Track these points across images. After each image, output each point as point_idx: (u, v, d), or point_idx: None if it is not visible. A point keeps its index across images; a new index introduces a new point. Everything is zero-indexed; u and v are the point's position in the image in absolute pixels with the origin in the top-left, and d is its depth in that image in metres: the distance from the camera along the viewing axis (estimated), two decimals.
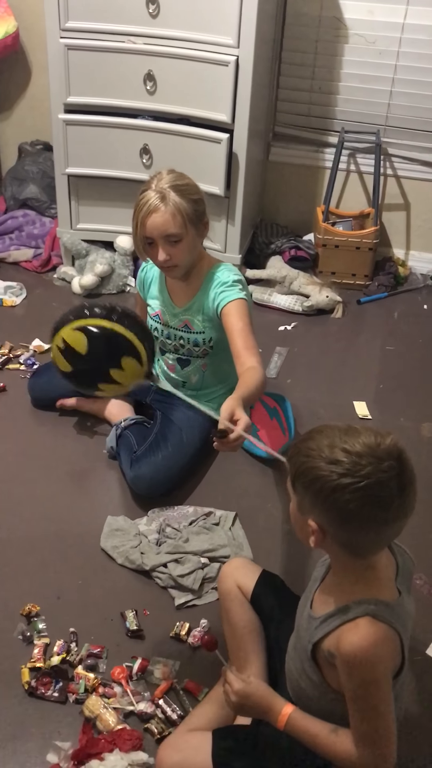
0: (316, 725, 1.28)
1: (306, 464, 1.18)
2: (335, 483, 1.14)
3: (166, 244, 2.00)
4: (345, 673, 1.20)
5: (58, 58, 2.86)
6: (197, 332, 2.19)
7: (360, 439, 1.15)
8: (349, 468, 1.13)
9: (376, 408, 2.64)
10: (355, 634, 1.17)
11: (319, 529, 1.19)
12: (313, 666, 1.28)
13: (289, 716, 1.30)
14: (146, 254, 2.07)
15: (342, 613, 1.21)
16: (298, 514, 1.24)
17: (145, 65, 2.82)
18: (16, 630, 1.79)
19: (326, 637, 1.23)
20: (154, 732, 1.59)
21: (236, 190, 2.98)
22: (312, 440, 1.19)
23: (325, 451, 1.16)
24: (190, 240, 2.03)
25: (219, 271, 2.12)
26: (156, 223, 1.97)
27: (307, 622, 1.31)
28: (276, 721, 1.31)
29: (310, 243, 3.39)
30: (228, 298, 2.06)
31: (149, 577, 1.95)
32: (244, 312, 2.06)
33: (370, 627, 1.17)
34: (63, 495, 2.20)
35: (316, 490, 1.16)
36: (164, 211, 1.96)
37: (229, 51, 2.72)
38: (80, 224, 3.22)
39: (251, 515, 2.16)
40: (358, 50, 3.22)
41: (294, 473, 1.21)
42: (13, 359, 2.76)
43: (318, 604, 1.31)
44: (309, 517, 1.20)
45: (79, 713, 1.63)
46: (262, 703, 1.33)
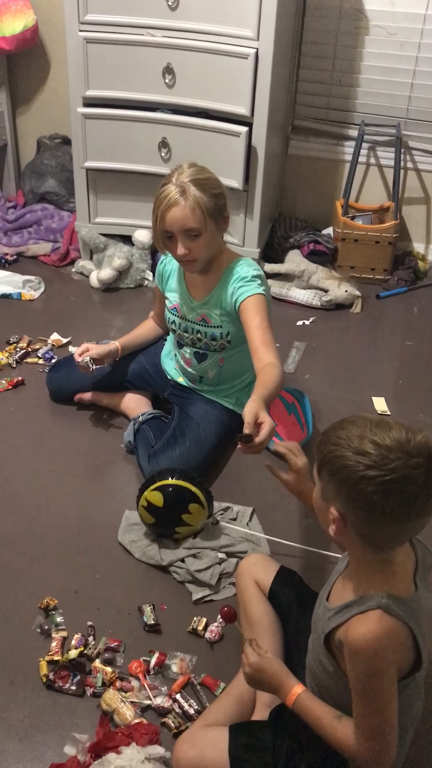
0: (322, 709, 1.29)
1: (333, 452, 1.18)
2: (361, 474, 1.14)
3: (185, 239, 2.00)
4: (349, 663, 1.20)
5: (77, 52, 2.86)
6: (214, 326, 2.19)
7: (391, 433, 1.15)
8: (377, 460, 1.13)
9: (395, 404, 2.62)
10: (363, 626, 1.17)
11: (340, 518, 1.19)
12: (328, 656, 1.28)
13: (298, 696, 1.31)
14: (165, 248, 2.07)
15: (355, 604, 1.21)
16: (321, 501, 1.24)
17: (163, 58, 2.81)
18: (34, 623, 1.80)
19: (339, 628, 1.23)
20: (171, 726, 1.59)
21: (255, 184, 2.96)
22: (342, 429, 1.19)
23: (354, 441, 1.16)
24: (209, 234, 2.02)
25: (238, 265, 2.11)
26: (176, 217, 1.96)
27: (322, 612, 1.31)
28: (285, 699, 1.32)
29: (329, 237, 3.36)
30: (246, 293, 2.05)
31: (166, 571, 1.96)
32: (263, 307, 2.05)
33: (380, 620, 1.17)
34: (81, 489, 2.21)
35: (341, 479, 1.16)
36: (184, 206, 1.95)
37: (248, 43, 2.70)
38: (98, 218, 3.22)
39: (269, 511, 2.15)
40: (378, 42, 3.19)
41: (321, 460, 1.21)
42: (32, 353, 2.76)
43: (334, 595, 1.31)
44: (331, 505, 1.20)
45: (97, 707, 1.63)
46: (274, 679, 1.34)
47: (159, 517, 1.97)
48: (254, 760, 1.37)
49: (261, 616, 1.59)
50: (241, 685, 1.50)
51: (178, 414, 2.30)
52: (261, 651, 1.37)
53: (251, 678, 1.37)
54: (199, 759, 1.41)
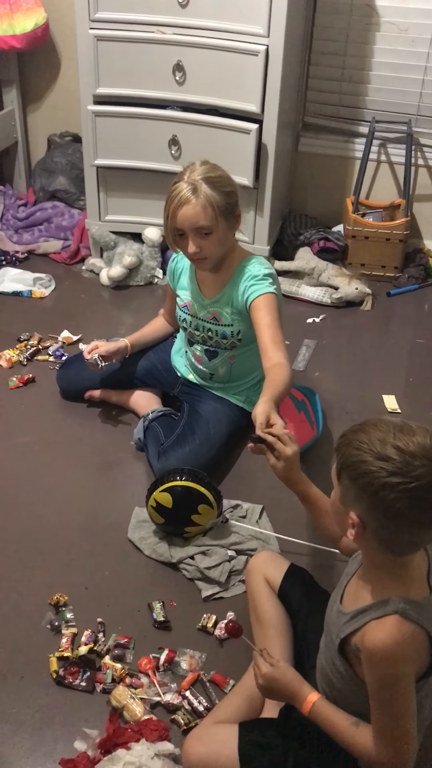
0: (339, 716, 1.29)
1: (355, 457, 1.16)
2: (384, 480, 1.12)
3: (196, 237, 2.00)
4: (367, 668, 1.20)
5: (88, 50, 2.86)
6: (225, 325, 2.18)
7: (415, 438, 1.13)
8: (400, 467, 1.11)
9: (405, 401, 2.61)
10: (381, 631, 1.17)
11: (360, 523, 1.18)
12: (342, 660, 1.28)
13: (313, 704, 1.30)
14: (177, 246, 2.07)
15: (372, 609, 1.20)
16: (339, 505, 1.23)
17: (174, 55, 2.81)
18: (45, 619, 1.80)
19: (355, 633, 1.23)
20: (181, 723, 1.59)
21: (265, 181, 2.96)
22: (364, 433, 1.17)
23: (376, 446, 1.14)
24: (220, 233, 2.01)
25: (250, 264, 2.11)
26: (187, 215, 1.96)
27: (336, 616, 1.30)
28: (301, 707, 1.32)
29: (339, 234, 3.35)
30: (257, 292, 2.05)
31: (176, 568, 1.96)
32: (273, 306, 2.05)
33: (397, 625, 1.16)
34: (91, 486, 2.22)
35: (362, 485, 1.15)
36: (195, 204, 1.95)
37: (258, 40, 2.70)
38: (109, 216, 3.23)
39: (278, 508, 2.15)
40: (389, 38, 3.17)
41: (341, 464, 1.19)
42: (42, 350, 2.77)
43: (348, 599, 1.30)
44: (351, 510, 1.19)
45: (106, 703, 1.64)
46: (288, 688, 1.34)
47: (168, 518, 1.98)
48: (264, 758, 1.37)
49: (271, 614, 1.59)
50: (250, 682, 1.50)
51: (188, 411, 2.30)
52: (273, 660, 1.36)
53: (265, 689, 1.37)
54: (209, 756, 1.41)
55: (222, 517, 2.03)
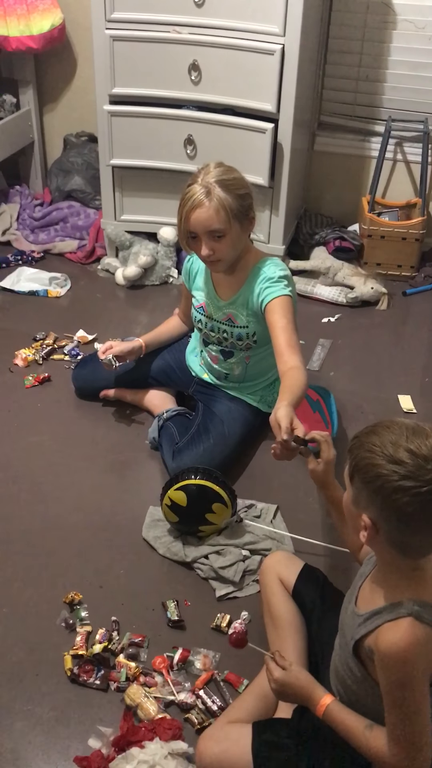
0: (352, 719, 1.28)
1: (367, 460, 1.15)
2: (396, 484, 1.11)
3: (209, 239, 2.00)
4: (381, 671, 1.19)
5: (104, 50, 2.87)
6: (241, 326, 2.18)
7: (428, 441, 1.12)
8: (413, 471, 1.10)
9: (421, 402, 2.59)
10: (395, 634, 1.16)
11: (372, 526, 1.18)
12: (356, 662, 1.27)
13: (327, 707, 1.30)
14: (190, 248, 2.07)
15: (386, 612, 1.20)
16: (352, 507, 1.23)
17: (189, 55, 2.81)
18: (59, 617, 1.81)
19: (368, 635, 1.22)
20: (194, 722, 1.60)
21: (280, 180, 2.95)
22: (376, 435, 1.16)
23: (388, 449, 1.13)
24: (234, 235, 2.01)
25: (265, 266, 2.10)
26: (200, 218, 1.96)
27: (350, 618, 1.30)
28: (315, 710, 1.32)
29: (355, 234, 3.34)
30: (272, 294, 2.05)
31: (190, 568, 1.96)
32: (289, 309, 2.04)
33: (411, 628, 1.16)
34: (106, 485, 2.22)
35: (375, 488, 1.14)
36: (208, 207, 1.95)
37: (274, 39, 2.69)
38: (124, 215, 3.23)
39: (293, 508, 2.14)
40: (406, 36, 3.16)
41: (353, 466, 1.19)
42: (58, 350, 2.78)
43: (362, 601, 1.30)
44: (364, 512, 1.19)
45: (120, 701, 1.64)
46: (302, 691, 1.34)
47: (183, 516, 1.98)
48: (277, 758, 1.37)
49: (284, 614, 1.59)
50: (264, 682, 1.50)
51: (203, 411, 2.30)
52: (285, 663, 1.36)
53: (278, 693, 1.37)
54: (222, 755, 1.41)
55: (236, 517, 2.03)
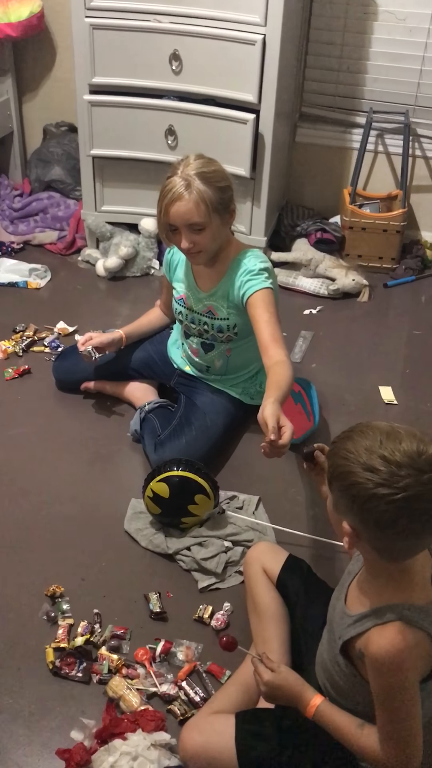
0: (343, 719, 1.29)
1: (343, 468, 1.14)
2: (371, 492, 1.10)
3: (189, 232, 1.99)
4: (372, 675, 1.19)
5: (83, 38, 2.84)
6: (221, 319, 2.18)
7: (402, 446, 1.10)
8: (387, 478, 1.09)
9: (402, 393, 2.61)
10: (384, 638, 1.16)
11: (353, 532, 1.18)
12: (344, 660, 1.28)
13: (317, 707, 1.31)
14: (170, 240, 2.06)
15: (375, 615, 1.20)
16: (334, 512, 1.22)
17: (170, 45, 2.79)
18: (41, 610, 1.80)
19: (359, 637, 1.23)
20: (177, 713, 1.60)
21: (262, 172, 2.94)
22: (351, 441, 1.15)
23: (362, 456, 1.12)
24: (214, 228, 2.00)
25: (246, 258, 2.10)
26: (179, 211, 1.95)
27: (340, 617, 1.30)
28: (305, 711, 1.32)
29: (336, 225, 3.34)
30: (254, 287, 2.04)
31: (173, 560, 1.96)
32: (270, 302, 2.04)
33: (401, 632, 1.16)
34: (87, 477, 2.21)
35: (351, 496, 1.14)
36: (188, 200, 1.93)
37: (255, 29, 2.68)
38: (105, 206, 3.21)
39: (275, 500, 2.15)
40: (387, 27, 3.16)
41: (331, 474, 1.19)
42: (38, 342, 2.76)
43: (352, 601, 1.30)
44: (344, 519, 1.18)
45: (103, 693, 1.64)
46: (291, 693, 1.34)
47: (165, 508, 1.98)
48: (261, 748, 1.37)
49: (268, 604, 1.59)
50: (247, 672, 1.51)
51: (185, 403, 2.30)
52: (273, 665, 1.36)
53: (268, 695, 1.37)
54: (206, 746, 1.41)
55: (218, 508, 2.03)
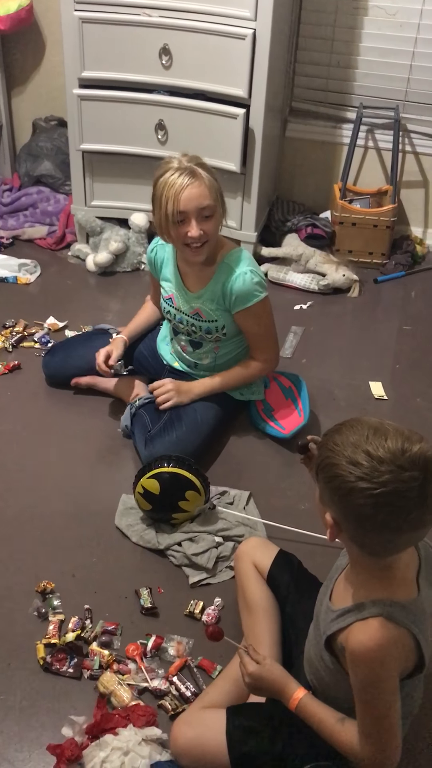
0: (325, 712, 1.30)
1: (328, 459, 1.16)
2: (351, 485, 1.11)
3: (199, 219, 1.99)
4: (351, 669, 1.20)
5: (73, 32, 2.82)
6: (209, 321, 2.18)
7: (387, 443, 1.11)
8: (367, 473, 1.10)
9: (392, 388, 2.62)
10: (364, 633, 1.17)
11: (335, 524, 1.19)
12: (329, 655, 1.28)
13: (300, 700, 1.31)
14: (174, 235, 2.02)
15: (357, 610, 1.21)
16: (319, 503, 1.23)
17: (160, 39, 2.77)
18: (32, 606, 1.80)
19: (341, 632, 1.23)
20: (168, 708, 1.60)
21: (252, 167, 2.94)
22: (340, 435, 1.17)
23: (348, 450, 1.13)
24: (219, 218, 2.03)
25: (233, 262, 2.10)
26: (192, 195, 1.96)
27: (325, 612, 1.31)
28: (287, 704, 1.33)
29: (326, 221, 3.35)
30: (245, 303, 2.10)
31: (163, 555, 1.96)
32: (261, 311, 2.12)
33: (380, 628, 1.16)
34: (77, 473, 2.21)
35: (333, 487, 1.15)
36: (198, 184, 1.96)
37: (246, 24, 2.67)
38: (95, 201, 3.20)
39: (265, 495, 2.15)
40: (377, 23, 3.16)
41: (318, 464, 1.20)
42: (28, 337, 2.75)
43: (336, 596, 1.31)
44: (327, 510, 1.20)
45: (94, 689, 1.64)
46: (275, 685, 1.34)
47: (156, 504, 1.98)
48: (252, 742, 1.38)
49: (259, 599, 1.59)
50: (237, 667, 1.51)
51: None
52: (259, 657, 1.37)
53: (252, 687, 1.37)
54: (197, 740, 1.42)
55: (209, 504, 2.03)
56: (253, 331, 2.17)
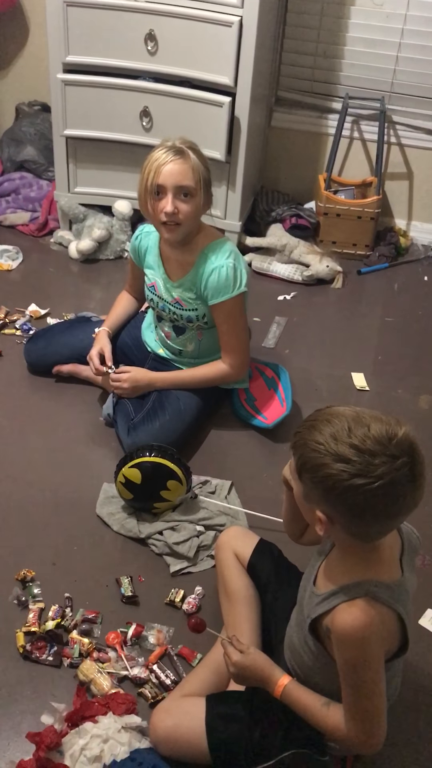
0: (310, 697, 1.30)
1: (315, 461, 1.13)
2: (347, 483, 1.10)
3: (176, 197, 1.98)
4: (337, 650, 1.21)
5: (57, 15, 2.78)
6: (189, 310, 2.18)
7: (371, 433, 1.10)
8: (362, 468, 1.09)
9: (374, 379, 2.63)
10: (350, 614, 1.17)
11: (327, 519, 1.18)
12: (313, 639, 1.29)
13: (285, 687, 1.32)
14: (151, 210, 2.03)
15: (343, 592, 1.21)
16: (304, 502, 1.22)
17: (146, 24, 2.75)
18: (12, 594, 1.79)
19: (326, 614, 1.24)
20: (148, 696, 1.60)
21: (237, 156, 2.93)
22: (318, 432, 1.14)
23: (332, 447, 1.11)
24: (198, 203, 2.01)
25: (213, 253, 2.09)
26: (173, 170, 1.95)
27: (309, 597, 1.31)
28: (272, 691, 1.33)
29: (311, 211, 3.34)
30: (216, 297, 2.09)
31: (144, 544, 1.96)
32: (231, 312, 2.12)
33: (366, 608, 1.17)
34: (59, 461, 2.20)
35: (326, 488, 1.13)
36: (183, 163, 1.96)
37: (232, 11, 2.65)
38: (78, 188, 3.17)
39: (247, 485, 2.16)
40: (364, 13, 3.15)
41: (300, 464, 1.18)
42: (9, 324, 2.73)
43: (321, 580, 1.31)
44: (317, 508, 1.19)
45: (74, 677, 1.64)
46: (260, 673, 1.35)
47: (137, 493, 1.97)
48: (231, 730, 1.39)
49: (239, 588, 1.60)
50: (217, 656, 1.52)
51: None
52: (242, 647, 1.37)
53: (237, 676, 1.38)
54: (176, 728, 1.42)
55: (191, 493, 2.03)
56: (222, 329, 2.16)
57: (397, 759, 1.55)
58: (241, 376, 2.27)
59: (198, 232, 2.12)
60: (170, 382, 2.23)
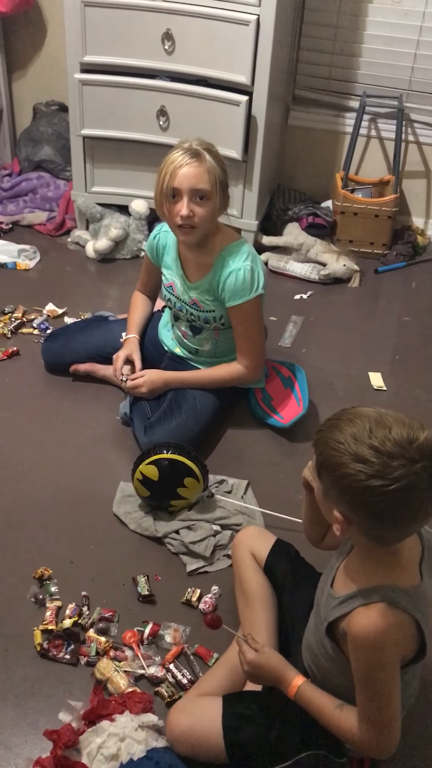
0: (323, 699, 1.30)
1: (333, 459, 1.13)
2: (364, 484, 1.10)
3: (191, 200, 1.97)
4: (353, 654, 1.20)
5: (75, 16, 2.79)
6: (206, 311, 2.18)
7: (392, 435, 1.09)
8: (379, 470, 1.08)
9: (391, 379, 2.61)
10: (367, 618, 1.17)
11: (344, 520, 1.17)
12: (330, 641, 1.29)
13: (298, 687, 1.32)
14: (166, 210, 2.03)
15: (360, 596, 1.20)
16: (323, 501, 1.22)
17: (163, 24, 2.75)
18: (29, 592, 1.80)
19: (343, 618, 1.23)
20: (164, 695, 1.61)
21: (254, 155, 2.92)
22: (339, 431, 1.14)
23: (352, 447, 1.10)
24: (214, 205, 2.01)
25: (231, 255, 2.09)
26: (188, 173, 1.95)
27: (326, 599, 1.31)
28: (286, 691, 1.33)
29: (328, 210, 3.33)
30: (234, 300, 2.09)
31: (161, 543, 1.96)
32: (249, 312, 2.11)
33: (383, 613, 1.16)
34: (76, 460, 2.21)
35: (343, 487, 1.13)
36: (198, 165, 1.96)
37: (250, 9, 2.65)
38: (95, 187, 3.18)
39: (263, 484, 2.15)
40: (382, 11, 3.13)
41: (320, 463, 1.18)
42: (27, 323, 2.74)
43: (339, 583, 1.30)
44: (335, 507, 1.18)
45: (90, 675, 1.65)
46: (273, 673, 1.35)
47: (154, 491, 1.97)
48: (247, 730, 1.38)
49: (256, 588, 1.60)
50: (234, 655, 1.51)
51: None
52: (257, 646, 1.37)
53: (251, 675, 1.38)
54: (192, 728, 1.42)
55: (207, 492, 2.03)
56: (239, 331, 2.16)
57: (416, 760, 1.54)
58: (256, 377, 2.26)
59: (215, 234, 2.11)
60: (185, 382, 2.23)
